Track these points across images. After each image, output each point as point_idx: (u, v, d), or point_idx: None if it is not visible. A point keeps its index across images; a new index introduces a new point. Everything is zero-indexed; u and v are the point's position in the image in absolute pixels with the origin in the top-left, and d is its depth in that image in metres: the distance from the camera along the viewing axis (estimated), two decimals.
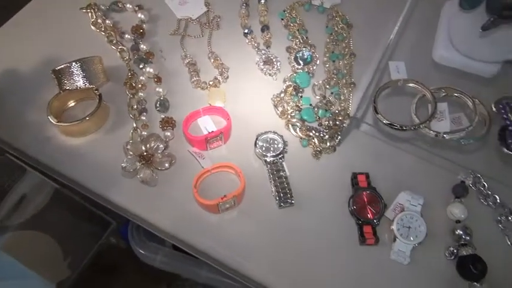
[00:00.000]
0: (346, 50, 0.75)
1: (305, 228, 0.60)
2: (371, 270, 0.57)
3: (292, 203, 0.59)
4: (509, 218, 0.61)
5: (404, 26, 0.70)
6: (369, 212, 0.59)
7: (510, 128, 0.56)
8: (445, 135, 0.57)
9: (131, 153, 0.60)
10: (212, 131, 0.62)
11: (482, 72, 0.64)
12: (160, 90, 0.68)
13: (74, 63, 0.63)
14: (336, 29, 0.78)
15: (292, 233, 0.59)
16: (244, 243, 0.58)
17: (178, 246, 0.63)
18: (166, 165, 0.61)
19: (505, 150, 0.56)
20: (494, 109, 0.58)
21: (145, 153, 0.60)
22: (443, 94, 0.61)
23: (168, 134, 0.63)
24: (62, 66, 0.63)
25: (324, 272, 0.57)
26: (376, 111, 0.59)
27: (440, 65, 0.66)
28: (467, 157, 0.63)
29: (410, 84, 0.61)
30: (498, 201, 0.62)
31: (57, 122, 0.62)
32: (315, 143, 0.65)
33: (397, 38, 0.70)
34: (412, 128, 0.57)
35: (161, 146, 0.61)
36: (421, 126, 0.57)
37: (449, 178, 0.63)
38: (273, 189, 0.60)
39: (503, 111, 0.57)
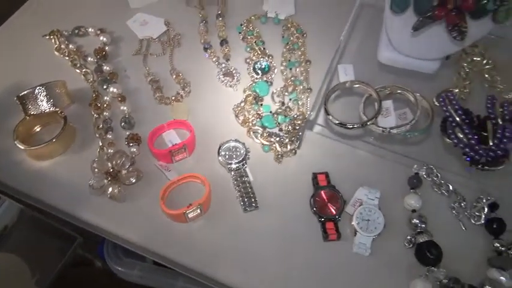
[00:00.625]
0: (302, 57, 0.79)
1: (271, 229, 0.62)
2: (336, 264, 0.59)
3: (257, 206, 0.62)
4: (462, 204, 0.64)
5: (351, 31, 0.74)
6: (330, 209, 0.62)
7: (450, 119, 0.59)
8: (391, 130, 0.60)
9: (97, 170, 0.61)
10: (175, 144, 0.64)
11: (424, 69, 0.68)
12: (125, 108, 0.70)
13: (37, 88, 0.65)
14: (292, 38, 0.81)
15: (259, 235, 0.61)
16: (214, 249, 0.60)
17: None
18: (133, 180, 0.63)
19: (447, 140, 0.59)
20: (435, 102, 0.62)
21: (111, 170, 0.62)
22: (388, 92, 0.65)
23: (134, 150, 0.65)
24: (26, 91, 0.64)
25: (291, 270, 0.59)
26: (327, 112, 0.62)
27: (386, 65, 0.70)
28: (418, 149, 0.66)
29: (357, 85, 0.64)
30: (451, 189, 0.65)
31: (24, 147, 0.63)
32: (276, 147, 0.68)
33: (345, 43, 0.74)
34: (361, 126, 0.60)
35: (127, 162, 0.63)
36: (369, 124, 0.60)
37: (404, 171, 0.66)
38: (238, 195, 0.63)
39: (443, 103, 0.60)
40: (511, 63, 0.72)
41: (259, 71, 0.76)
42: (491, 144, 0.56)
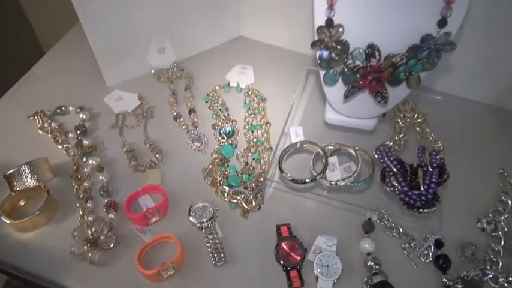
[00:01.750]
0: (262, 120, 0.88)
1: (241, 280, 0.66)
2: None
3: (226, 261, 0.67)
4: (412, 244, 0.71)
5: (301, 96, 0.84)
6: (293, 258, 0.67)
7: (387, 169, 0.68)
8: (338, 183, 0.68)
9: (78, 238, 0.66)
10: (149, 208, 0.71)
11: (364, 126, 0.77)
12: (103, 178, 0.76)
13: (22, 166, 0.71)
14: (252, 104, 0.91)
15: (229, 287, 0.66)
16: None
17: None
18: (111, 245, 0.68)
19: (386, 187, 0.67)
20: (375, 155, 0.71)
21: (91, 237, 0.67)
22: (333, 148, 0.74)
23: (112, 216, 0.71)
24: (12, 170, 0.71)
25: None
26: (281, 171, 0.70)
27: (332, 124, 0.80)
28: (366, 197, 0.74)
29: (306, 145, 0.73)
30: (401, 231, 0.72)
31: (10, 221, 0.69)
32: (242, 204, 0.74)
33: (297, 106, 0.84)
34: (310, 181, 0.68)
35: (105, 228, 0.68)
36: (318, 178, 0.68)
37: (358, 217, 0.73)
38: (209, 251, 0.68)
39: (380, 156, 0.69)
40: (439, 116, 0.83)
41: (225, 135, 0.84)
42: (422, 189, 0.65)
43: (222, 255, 0.67)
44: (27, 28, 1.47)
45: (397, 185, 0.66)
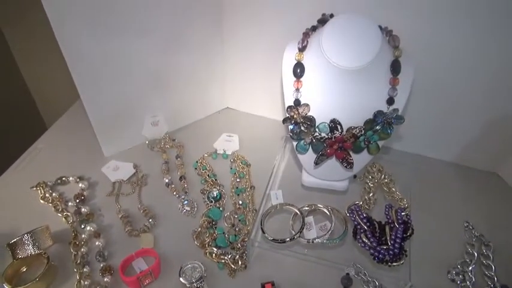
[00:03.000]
0: (247, 184, 0.96)
1: None
2: None
3: None
4: None
5: (281, 160, 0.93)
6: None
7: (358, 226, 0.75)
8: (314, 241, 0.75)
9: None
10: (142, 271, 0.76)
11: (337, 187, 0.86)
12: (100, 243, 0.82)
13: (25, 236, 0.77)
14: (238, 169, 0.99)
15: None
16: None
17: None
18: None
19: (357, 243, 0.74)
20: (347, 214, 0.78)
21: None
22: (309, 209, 0.81)
23: (107, 279, 0.76)
24: (15, 240, 0.76)
25: None
26: (262, 231, 0.76)
27: (308, 187, 0.89)
28: (343, 253, 0.80)
29: (285, 207, 0.81)
30: (377, 284, 0.78)
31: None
32: (229, 264, 0.80)
33: (277, 171, 0.92)
34: (289, 240, 0.74)
35: None
36: (296, 237, 0.75)
37: (337, 273, 0.78)
38: None
39: (352, 214, 0.77)
40: (405, 175, 0.92)
41: (212, 199, 0.91)
42: (389, 244, 0.71)
43: None
44: (31, 104, 1.59)
45: (366, 241, 0.72)
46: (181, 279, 0.76)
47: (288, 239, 0.74)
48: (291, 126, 0.77)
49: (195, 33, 0.97)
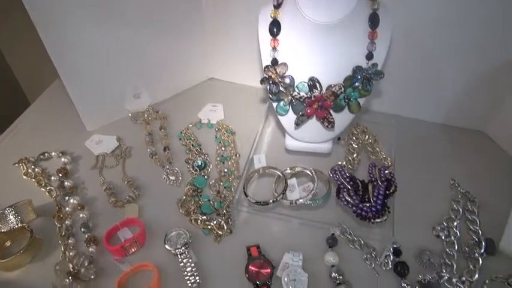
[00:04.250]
0: (232, 152, 0.94)
1: None
2: None
3: (199, 282, 0.71)
4: (373, 254, 0.76)
5: (264, 125, 0.91)
6: (262, 275, 0.72)
7: (341, 186, 0.74)
8: (297, 202, 0.74)
9: (60, 272, 0.70)
10: (126, 239, 0.75)
11: (321, 150, 0.84)
12: (84, 215, 0.81)
13: (7, 209, 0.76)
14: (223, 137, 0.98)
15: None
16: None
17: None
18: (92, 276, 0.71)
19: (340, 202, 0.73)
20: (330, 175, 0.77)
21: (72, 270, 0.71)
22: (293, 172, 0.80)
23: (92, 249, 0.75)
24: None
25: None
26: (245, 194, 0.75)
27: (292, 150, 0.87)
28: (328, 214, 0.79)
29: (267, 170, 0.79)
30: (362, 243, 0.77)
31: None
32: (214, 230, 0.79)
33: (261, 137, 0.90)
34: (272, 202, 0.73)
35: (86, 261, 0.72)
36: (278, 199, 0.74)
37: (322, 233, 0.78)
38: (184, 275, 0.72)
39: (334, 175, 0.75)
40: (391, 136, 0.90)
41: (197, 168, 0.90)
42: (372, 202, 0.71)
43: (197, 278, 0.71)
44: (12, 80, 1.56)
45: (349, 199, 0.71)
46: (166, 246, 0.75)
47: (270, 201, 0.73)
48: (269, 87, 0.75)
49: (175, 3, 0.94)
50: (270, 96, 0.76)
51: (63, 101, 1.03)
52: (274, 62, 0.74)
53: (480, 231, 0.79)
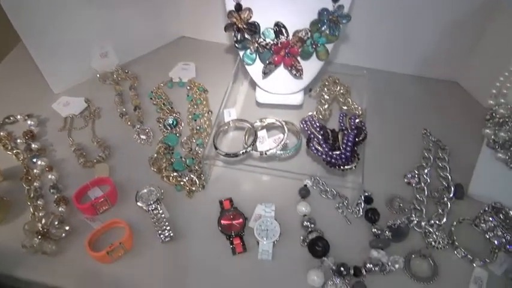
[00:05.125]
0: (204, 109, 0.92)
1: (187, 252, 0.70)
2: (245, 272, 0.67)
3: (171, 236, 0.70)
4: (345, 203, 0.76)
5: (235, 81, 0.88)
6: (234, 227, 0.71)
7: (312, 136, 0.73)
8: (266, 153, 0.73)
9: (29, 231, 0.69)
10: (96, 198, 0.74)
11: (292, 101, 0.83)
12: (53, 176, 0.79)
13: None
14: (195, 96, 0.95)
15: (178, 261, 0.69)
16: (140, 282, 0.67)
17: None
18: (63, 235, 0.70)
19: (311, 151, 0.72)
20: (301, 125, 0.76)
21: (41, 229, 0.69)
22: (263, 124, 0.79)
23: (62, 209, 0.74)
24: None
25: (212, 285, 0.66)
26: (215, 147, 0.74)
27: (263, 103, 0.85)
28: (300, 165, 0.79)
29: (237, 123, 0.78)
30: (334, 193, 0.77)
31: None
32: (186, 186, 0.78)
33: (232, 92, 0.88)
34: (241, 154, 0.72)
35: (55, 220, 0.71)
36: (248, 151, 0.72)
37: (295, 184, 0.78)
38: (156, 229, 0.71)
39: (304, 125, 0.74)
40: (364, 88, 0.89)
41: (168, 126, 0.88)
42: (342, 149, 0.70)
43: (167, 232, 0.71)
44: None
45: (319, 148, 0.71)
46: (138, 203, 0.74)
47: (240, 153, 0.72)
48: (234, 34, 0.72)
49: None
50: (236, 44, 0.73)
51: (28, 64, 0.98)
52: (238, 7, 0.71)
53: (450, 177, 0.80)
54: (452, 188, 0.77)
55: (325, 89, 0.86)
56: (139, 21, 1.00)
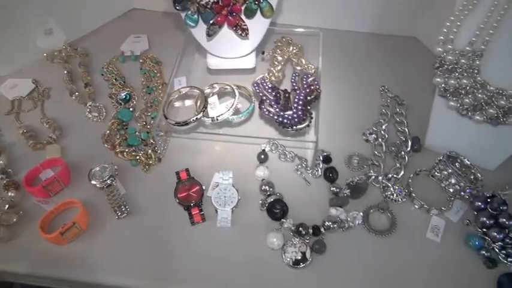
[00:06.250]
0: (159, 81, 0.88)
1: (147, 228, 0.68)
2: (206, 242, 0.66)
3: (127, 212, 0.68)
4: (304, 165, 0.75)
5: (185, 49, 0.84)
6: (192, 197, 0.69)
7: (264, 98, 0.70)
8: (218, 118, 0.70)
9: None
10: (46, 179, 0.70)
11: (245, 65, 0.80)
12: (1, 161, 0.75)
13: None
14: (148, 68, 0.91)
15: (137, 235, 0.67)
16: (98, 261, 0.65)
17: None
18: (14, 219, 0.67)
19: (264, 114, 0.70)
20: (252, 88, 0.73)
21: None
22: (214, 90, 0.76)
23: (12, 194, 0.70)
24: None
25: (171, 257, 0.64)
26: (165, 117, 0.71)
27: (215, 70, 0.82)
28: (257, 130, 0.77)
29: (188, 91, 0.74)
30: (293, 155, 0.76)
31: None
32: (142, 160, 0.75)
33: (182, 60, 0.83)
34: (192, 121, 0.69)
35: (4, 205, 0.67)
36: (199, 118, 0.70)
37: (253, 149, 0.76)
38: (111, 206, 0.69)
39: (256, 87, 0.72)
40: (316, 47, 0.86)
41: (121, 101, 0.84)
42: (293, 109, 0.68)
43: (124, 208, 0.68)
44: None
45: (271, 109, 0.68)
46: (92, 181, 0.71)
47: (191, 120, 0.69)
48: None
49: None
50: (175, 5, 0.69)
51: None
52: None
53: (407, 131, 0.79)
54: (410, 142, 0.77)
55: (278, 50, 0.83)
56: None
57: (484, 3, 0.60)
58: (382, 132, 0.79)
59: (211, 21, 0.69)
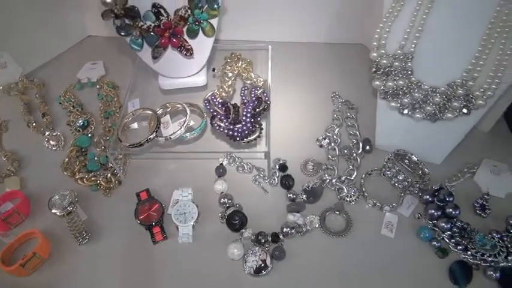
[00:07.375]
0: (116, 105, 0.89)
1: (107, 251, 0.68)
2: (169, 259, 0.67)
3: (89, 237, 0.68)
4: (261, 174, 0.77)
5: (137, 73, 0.85)
6: (152, 216, 0.70)
7: (215, 113, 0.72)
8: (171, 137, 0.72)
9: None
10: (5, 212, 0.70)
11: (196, 83, 0.82)
12: None
13: None
14: (105, 93, 0.92)
15: (100, 260, 0.67)
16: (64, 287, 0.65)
17: None
18: None
19: (215, 129, 0.72)
20: (203, 105, 0.75)
21: None
22: (167, 109, 0.77)
23: None
24: None
25: (135, 278, 0.65)
26: (120, 140, 0.72)
27: (168, 90, 0.84)
28: (214, 146, 0.78)
29: (140, 113, 0.76)
30: (250, 166, 0.78)
31: None
32: (102, 184, 0.76)
33: (136, 82, 0.85)
34: (146, 141, 0.70)
35: None
36: (152, 138, 0.71)
37: (211, 164, 0.77)
38: (72, 234, 0.69)
39: (206, 104, 0.74)
40: (266, 60, 0.89)
41: (80, 128, 0.85)
42: (243, 122, 0.70)
43: (85, 234, 0.69)
44: None
45: (221, 124, 0.70)
46: (53, 210, 0.71)
47: (144, 141, 0.70)
48: (114, 22, 0.69)
49: None
50: (119, 31, 0.70)
51: None
52: None
53: (359, 134, 0.82)
54: (361, 144, 0.80)
55: (228, 66, 0.85)
56: (38, 27, 0.94)
57: (408, 8, 0.64)
58: (335, 136, 0.81)
59: (155, 44, 0.71)
